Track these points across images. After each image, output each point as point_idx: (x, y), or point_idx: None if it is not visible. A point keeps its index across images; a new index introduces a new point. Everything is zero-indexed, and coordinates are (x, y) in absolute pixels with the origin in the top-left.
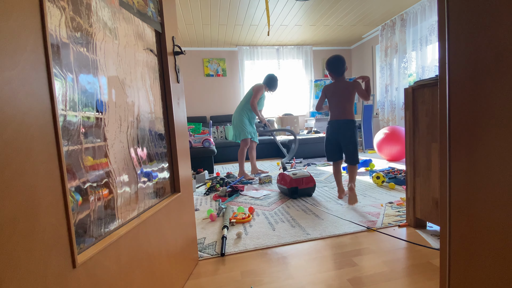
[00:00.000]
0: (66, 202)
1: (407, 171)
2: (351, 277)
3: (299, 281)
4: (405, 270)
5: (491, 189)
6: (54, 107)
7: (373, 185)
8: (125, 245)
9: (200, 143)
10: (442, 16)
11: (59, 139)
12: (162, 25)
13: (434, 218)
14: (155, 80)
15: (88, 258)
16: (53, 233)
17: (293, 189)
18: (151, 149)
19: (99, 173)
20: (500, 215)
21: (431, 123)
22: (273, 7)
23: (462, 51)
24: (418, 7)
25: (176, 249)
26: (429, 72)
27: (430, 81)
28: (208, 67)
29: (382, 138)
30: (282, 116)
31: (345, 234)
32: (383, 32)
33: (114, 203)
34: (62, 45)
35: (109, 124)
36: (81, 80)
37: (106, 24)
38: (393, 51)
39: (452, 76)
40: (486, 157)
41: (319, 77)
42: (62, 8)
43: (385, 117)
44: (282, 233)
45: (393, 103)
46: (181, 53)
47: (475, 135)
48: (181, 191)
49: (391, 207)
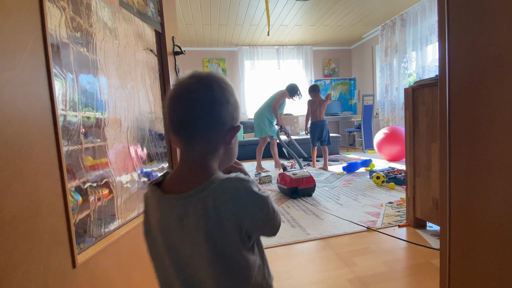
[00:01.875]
0: (66, 202)
1: (407, 171)
2: (351, 277)
3: (299, 281)
4: (405, 270)
5: (491, 189)
6: (54, 107)
7: (373, 185)
8: (125, 245)
9: None
10: (442, 16)
11: (59, 139)
12: (162, 25)
13: (434, 218)
14: (155, 80)
15: (88, 258)
16: (53, 233)
17: (293, 189)
18: (151, 149)
19: (99, 173)
20: (500, 215)
21: (431, 123)
22: (273, 7)
23: (462, 51)
24: (418, 7)
25: None
26: (429, 72)
27: (430, 81)
28: (208, 67)
29: (382, 138)
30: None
31: (345, 234)
32: (383, 32)
33: (114, 203)
34: (62, 45)
35: (109, 124)
36: (81, 80)
37: (106, 24)
38: (393, 51)
39: (452, 76)
40: (486, 157)
41: (319, 77)
42: (62, 8)
43: (385, 117)
44: (282, 233)
45: (393, 103)
46: (181, 53)
47: (475, 135)
48: None
49: (391, 207)
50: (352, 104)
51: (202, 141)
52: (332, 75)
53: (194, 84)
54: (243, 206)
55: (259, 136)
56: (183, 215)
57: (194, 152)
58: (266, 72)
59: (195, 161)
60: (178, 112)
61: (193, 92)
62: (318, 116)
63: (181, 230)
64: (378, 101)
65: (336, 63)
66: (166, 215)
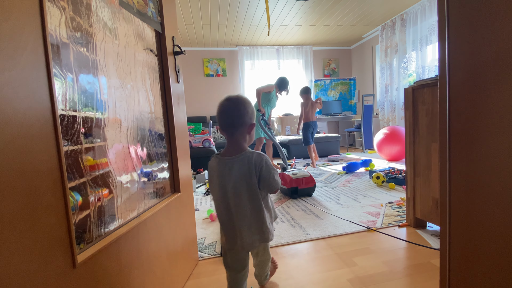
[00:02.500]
0: (66, 202)
1: (407, 171)
2: (351, 277)
3: (299, 281)
4: (405, 270)
5: (491, 189)
6: (54, 107)
7: (373, 185)
8: (125, 245)
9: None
10: (442, 16)
11: (59, 139)
12: (162, 25)
13: (434, 218)
14: (155, 80)
15: (88, 258)
16: (53, 233)
17: (293, 189)
18: (151, 149)
19: (99, 173)
20: (500, 215)
21: (431, 123)
22: (273, 7)
23: (462, 51)
24: (418, 7)
25: (176, 249)
26: (429, 72)
27: (430, 81)
28: (208, 67)
29: (382, 138)
30: (282, 116)
31: (345, 234)
32: (383, 32)
33: (114, 203)
34: (62, 45)
35: (109, 124)
36: (81, 80)
37: (106, 24)
38: (393, 51)
39: (452, 76)
40: (486, 157)
41: (319, 77)
42: (62, 8)
43: (385, 117)
44: (282, 233)
45: (393, 103)
46: (181, 53)
47: (475, 135)
48: (181, 191)
49: (391, 207)
50: (352, 104)
51: (237, 133)
52: (332, 75)
53: (230, 105)
54: (259, 165)
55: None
56: (231, 167)
57: (234, 138)
58: (266, 72)
59: (235, 142)
60: (224, 120)
61: (230, 110)
62: (310, 117)
63: (229, 175)
64: (378, 101)
65: (336, 63)
66: (222, 167)
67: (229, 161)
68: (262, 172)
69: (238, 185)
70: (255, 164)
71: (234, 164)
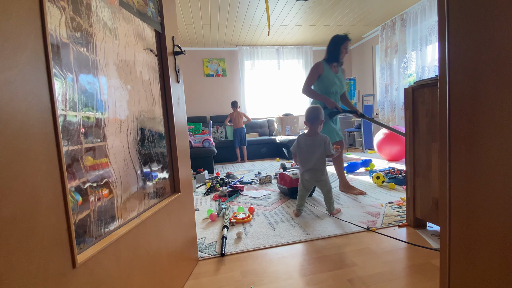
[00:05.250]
0: (66, 202)
1: (407, 171)
2: (351, 277)
3: (299, 281)
4: (405, 270)
5: (491, 189)
6: (54, 107)
7: (373, 185)
8: (125, 245)
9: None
10: (442, 16)
11: (59, 139)
12: (162, 25)
13: (434, 218)
14: (155, 80)
15: (88, 258)
16: (53, 233)
17: (293, 189)
18: (151, 149)
19: (99, 173)
20: (500, 215)
21: (431, 123)
22: (273, 7)
23: (462, 51)
24: (418, 7)
25: (176, 249)
26: (429, 72)
27: (430, 81)
28: (208, 67)
29: (382, 138)
30: (282, 116)
31: (345, 234)
32: (383, 32)
33: (114, 203)
34: (62, 45)
35: (109, 124)
36: (81, 80)
37: (106, 24)
38: (393, 51)
39: (452, 76)
40: (486, 157)
41: None
42: (62, 8)
43: (385, 117)
44: (282, 233)
45: (393, 103)
46: (181, 53)
47: (475, 135)
48: (181, 191)
49: (391, 207)
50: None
51: (315, 124)
52: None
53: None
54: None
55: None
56: (311, 143)
57: (313, 127)
58: (266, 72)
59: (314, 129)
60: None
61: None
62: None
63: (310, 147)
64: (378, 101)
65: None
66: (307, 142)
67: (310, 138)
68: (325, 145)
69: (315, 150)
70: (323, 142)
71: (314, 141)
